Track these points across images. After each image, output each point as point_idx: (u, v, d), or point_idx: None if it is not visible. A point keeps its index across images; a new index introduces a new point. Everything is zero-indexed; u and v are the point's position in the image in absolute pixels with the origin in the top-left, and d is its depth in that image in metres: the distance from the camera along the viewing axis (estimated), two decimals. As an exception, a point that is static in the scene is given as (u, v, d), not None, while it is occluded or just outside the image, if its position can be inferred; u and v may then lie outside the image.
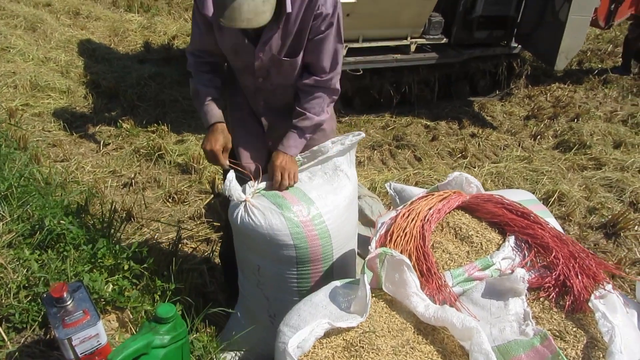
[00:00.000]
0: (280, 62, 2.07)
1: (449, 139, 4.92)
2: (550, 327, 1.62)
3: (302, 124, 2.18)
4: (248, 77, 2.16)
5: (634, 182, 4.20)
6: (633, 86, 6.35)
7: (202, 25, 2.05)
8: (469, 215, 2.04)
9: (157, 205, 3.70)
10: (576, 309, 1.65)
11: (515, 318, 1.64)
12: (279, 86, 2.19)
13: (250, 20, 1.78)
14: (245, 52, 2.06)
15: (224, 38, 2.05)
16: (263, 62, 2.07)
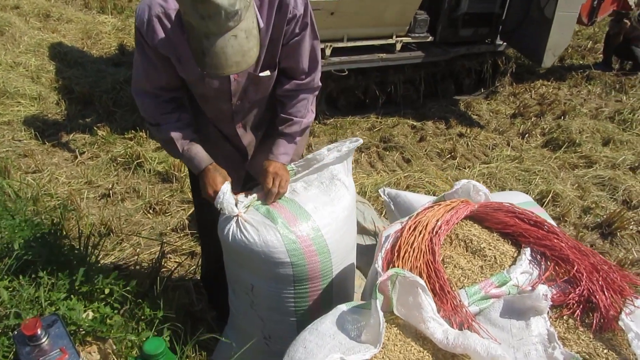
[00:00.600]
0: (257, 79, 1.88)
1: (437, 140, 4.81)
2: (579, 349, 1.49)
3: (290, 130, 2.03)
4: (222, 103, 1.95)
5: (626, 180, 4.14)
6: (616, 82, 6.33)
7: (155, 59, 1.77)
8: (479, 226, 1.90)
9: (137, 217, 3.51)
10: (604, 328, 1.52)
11: (540, 340, 1.51)
12: (255, 103, 2.01)
13: (239, 63, 1.57)
14: (217, 79, 1.84)
15: (188, 69, 1.80)
16: (239, 83, 1.88)
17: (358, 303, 1.57)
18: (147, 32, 1.71)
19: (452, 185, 3.83)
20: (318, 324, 1.50)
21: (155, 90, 1.87)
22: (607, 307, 1.54)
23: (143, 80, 1.84)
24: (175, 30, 1.71)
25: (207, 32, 1.49)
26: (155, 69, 1.80)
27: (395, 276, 1.48)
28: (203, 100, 1.97)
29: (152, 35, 1.71)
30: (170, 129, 1.89)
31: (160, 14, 1.70)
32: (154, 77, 1.83)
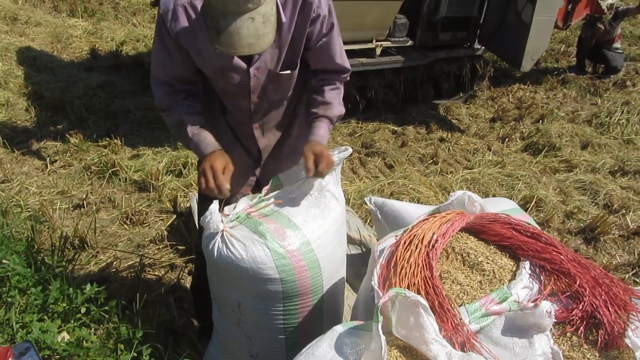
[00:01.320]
0: (277, 76, 1.86)
1: (418, 145, 4.77)
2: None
3: (331, 113, 1.98)
4: (241, 100, 1.91)
5: (606, 184, 4.16)
6: (590, 85, 6.40)
7: (173, 50, 1.77)
8: (475, 238, 1.84)
9: (113, 228, 3.37)
10: (610, 345, 1.48)
11: (544, 359, 1.45)
12: (274, 103, 1.97)
13: (252, 46, 1.56)
14: (237, 73, 1.81)
15: (208, 61, 1.79)
16: (259, 80, 1.84)
17: (355, 324, 1.49)
18: (170, 21, 1.71)
19: (436, 192, 3.82)
20: (314, 348, 1.42)
21: (170, 80, 1.85)
22: (611, 323, 1.50)
23: (159, 69, 1.84)
24: (200, 22, 1.71)
25: (225, 11, 1.51)
26: (172, 59, 1.80)
27: (396, 296, 1.41)
28: (223, 96, 1.94)
29: (175, 24, 1.71)
30: (181, 112, 1.85)
31: (186, 3, 1.70)
32: (169, 68, 1.82)
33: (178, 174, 3.88)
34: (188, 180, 3.80)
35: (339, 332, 1.46)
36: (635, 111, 5.19)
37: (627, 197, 4.06)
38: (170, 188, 3.70)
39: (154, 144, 4.29)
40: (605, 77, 6.74)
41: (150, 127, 4.60)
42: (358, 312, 1.88)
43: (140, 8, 7.61)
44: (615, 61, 6.71)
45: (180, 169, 3.90)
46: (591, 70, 7.01)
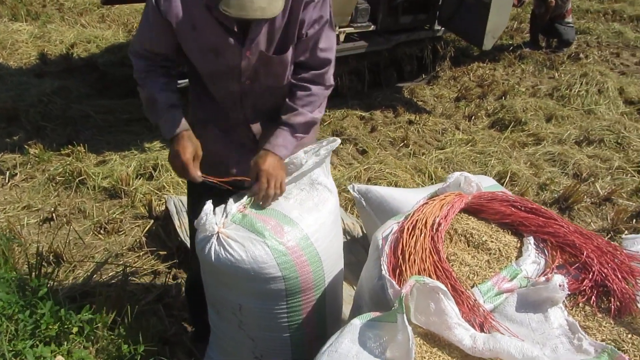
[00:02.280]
0: (269, 59, 1.79)
1: (387, 129, 4.76)
2: (603, 336, 1.44)
3: (294, 120, 1.88)
4: (232, 81, 1.83)
5: (574, 154, 4.26)
6: (546, 60, 6.53)
7: (159, 26, 1.72)
8: (475, 218, 1.83)
9: (87, 239, 3.23)
10: (623, 312, 1.49)
11: (562, 332, 1.45)
12: (268, 88, 1.89)
13: (264, 10, 1.52)
14: (229, 53, 1.75)
15: (201, 39, 1.73)
16: (250, 61, 1.78)
17: (372, 316, 1.45)
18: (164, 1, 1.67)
19: (412, 174, 3.82)
20: (336, 345, 1.37)
21: (150, 55, 1.81)
22: (621, 289, 1.51)
23: (142, 41, 1.79)
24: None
25: None
26: (156, 34, 1.75)
27: (414, 284, 1.38)
28: (211, 80, 1.86)
29: (169, 3, 1.67)
30: (155, 87, 1.80)
31: None
32: (153, 41, 1.77)
33: (149, 177, 3.75)
34: (160, 183, 3.67)
35: (359, 326, 1.42)
36: (593, 82, 5.33)
37: (594, 165, 4.17)
38: (143, 192, 3.57)
39: (119, 148, 4.13)
40: (559, 50, 6.89)
41: (113, 131, 4.43)
42: (363, 303, 1.84)
43: (87, 8, 7.33)
44: (567, 35, 6.87)
45: (150, 172, 3.77)
46: (545, 44, 7.16)
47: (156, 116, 1.83)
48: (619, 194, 3.77)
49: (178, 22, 1.70)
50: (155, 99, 1.80)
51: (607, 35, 7.49)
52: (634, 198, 3.79)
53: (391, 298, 1.53)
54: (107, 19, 7.09)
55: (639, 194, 3.82)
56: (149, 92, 1.81)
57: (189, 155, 1.77)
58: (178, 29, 1.72)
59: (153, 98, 1.80)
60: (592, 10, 8.70)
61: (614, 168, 4.11)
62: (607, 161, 4.20)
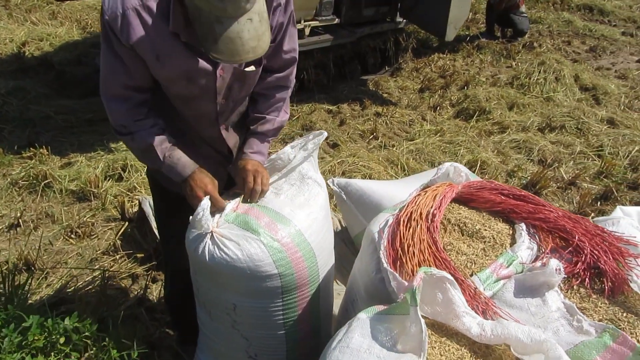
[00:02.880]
0: (243, 75, 1.73)
1: (356, 122, 4.78)
2: (600, 317, 1.49)
3: (262, 129, 1.89)
4: (206, 103, 1.77)
5: (538, 141, 4.39)
6: (503, 49, 6.68)
7: (126, 57, 1.60)
8: (466, 207, 1.86)
9: (57, 244, 3.12)
10: (616, 292, 1.55)
11: (561, 314, 1.50)
12: (239, 101, 1.86)
13: (255, 49, 1.46)
14: (202, 76, 1.67)
15: (170, 67, 1.63)
16: (225, 80, 1.71)
17: (378, 309, 1.46)
18: (121, 28, 1.53)
19: (385, 166, 3.86)
20: (347, 340, 1.37)
21: (125, 92, 1.67)
22: (614, 270, 1.57)
23: (112, 81, 1.65)
24: (157, 24, 1.54)
25: (222, 16, 1.39)
26: (125, 68, 1.62)
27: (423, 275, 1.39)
28: (182, 102, 1.77)
29: (128, 30, 1.53)
30: (147, 135, 1.71)
31: (138, 6, 1.53)
32: (123, 78, 1.64)
33: (118, 179, 3.65)
34: (130, 183, 3.58)
35: (367, 320, 1.42)
36: (551, 70, 5.50)
37: (557, 151, 4.31)
38: (113, 194, 3.47)
39: (84, 149, 3.99)
40: (514, 40, 7.06)
41: (76, 131, 4.28)
42: (357, 297, 1.85)
43: (35, 4, 7.03)
44: (521, 24, 7.06)
45: (119, 173, 3.66)
46: (500, 34, 7.33)
47: (156, 163, 1.75)
48: (582, 178, 3.92)
49: (141, 50, 1.59)
50: (151, 146, 1.72)
51: (558, 24, 7.72)
52: (596, 181, 3.94)
53: (394, 290, 1.54)
54: (59, 16, 6.81)
55: (600, 177, 3.98)
56: (141, 142, 1.72)
57: (212, 188, 1.75)
58: (142, 56, 1.61)
59: (148, 148, 1.72)
60: (542, 0, 8.96)
61: (576, 153, 4.26)
62: (570, 146, 4.36)
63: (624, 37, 7.23)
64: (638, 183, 3.88)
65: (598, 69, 6.11)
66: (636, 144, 4.37)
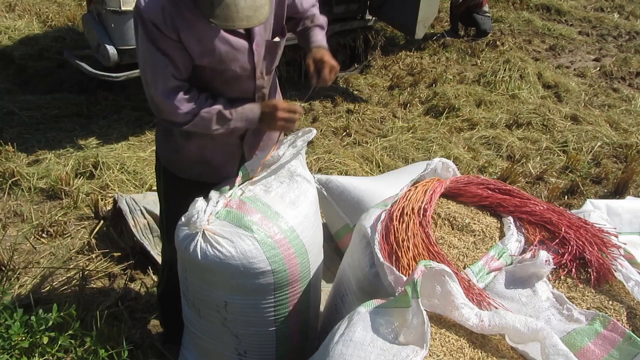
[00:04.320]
0: (273, 45, 1.82)
1: (329, 119, 4.80)
2: (587, 305, 1.56)
3: (318, 21, 2.03)
4: (247, 80, 1.83)
5: (506, 137, 4.51)
6: (468, 48, 6.81)
7: (172, 51, 1.65)
8: (454, 202, 1.91)
9: (28, 244, 3.02)
10: (601, 281, 1.62)
11: (551, 304, 1.56)
12: (269, 75, 1.92)
13: (250, 18, 1.52)
14: (241, 54, 1.73)
15: (210, 48, 1.68)
16: (260, 55, 1.78)
17: (377, 303, 1.48)
18: (164, 21, 1.60)
19: (360, 163, 3.89)
20: (350, 334, 1.38)
21: (179, 83, 1.71)
22: (598, 260, 1.64)
23: (165, 76, 1.68)
24: (192, 10, 1.61)
25: None
26: (173, 62, 1.67)
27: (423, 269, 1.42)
28: (225, 86, 1.82)
29: (172, 21, 1.60)
30: (210, 106, 1.75)
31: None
32: (174, 71, 1.69)
33: (90, 176, 3.55)
34: (103, 181, 3.49)
35: (367, 313, 1.44)
36: (515, 68, 5.64)
37: (525, 147, 4.44)
38: (85, 192, 3.39)
39: (52, 146, 3.88)
40: (477, 38, 7.21)
41: (42, 128, 4.14)
42: (349, 292, 1.87)
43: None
44: (484, 24, 7.21)
45: (90, 171, 3.57)
46: (464, 33, 7.47)
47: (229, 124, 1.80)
48: (549, 173, 4.05)
49: (185, 38, 1.65)
50: (220, 113, 1.76)
51: (518, 23, 7.91)
52: (562, 176, 4.08)
53: (390, 284, 1.57)
54: (17, 8, 6.57)
55: (566, 171, 4.12)
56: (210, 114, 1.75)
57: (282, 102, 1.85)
58: (186, 45, 1.66)
59: (218, 115, 1.76)
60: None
61: (542, 149, 4.40)
62: (536, 142, 4.49)
63: (581, 37, 7.48)
64: (601, 177, 4.04)
65: (558, 67, 6.31)
66: (598, 139, 4.55)
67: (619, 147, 4.52)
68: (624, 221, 2.60)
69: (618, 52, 6.90)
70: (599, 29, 7.69)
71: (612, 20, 7.92)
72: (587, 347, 1.40)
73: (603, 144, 4.54)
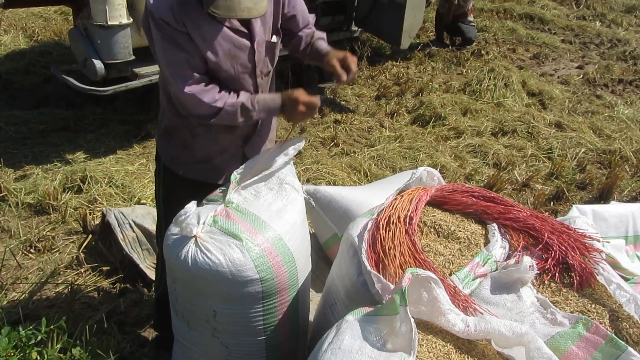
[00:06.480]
0: (272, 45, 1.91)
1: (316, 129, 4.83)
2: (571, 309, 1.59)
3: (319, 35, 2.11)
4: (248, 78, 1.91)
5: (492, 145, 4.56)
6: (453, 57, 6.89)
7: (185, 45, 1.73)
8: (439, 210, 1.93)
9: (16, 259, 3.00)
10: (583, 285, 1.65)
11: (535, 308, 1.58)
12: (268, 75, 2.01)
13: (251, 10, 1.59)
14: (243, 52, 1.82)
15: (214, 46, 1.76)
16: (260, 54, 1.87)
17: (364, 311, 1.50)
18: (175, 16, 1.67)
19: (348, 173, 3.92)
20: (338, 342, 1.40)
21: (201, 77, 1.79)
22: (580, 265, 1.67)
23: (188, 71, 1.75)
24: (196, 8, 1.69)
25: None
26: (191, 56, 1.75)
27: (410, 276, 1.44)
28: (232, 82, 1.88)
29: (181, 16, 1.68)
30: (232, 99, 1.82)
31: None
32: (195, 63, 1.77)
33: (77, 190, 3.55)
34: (91, 195, 3.49)
35: (355, 321, 1.45)
36: (500, 77, 5.72)
37: (510, 154, 4.50)
38: (73, 207, 3.38)
39: (39, 161, 3.87)
40: (462, 48, 7.30)
41: (29, 143, 4.13)
42: (338, 301, 1.88)
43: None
44: (469, 33, 7.31)
45: (78, 185, 3.56)
46: (449, 42, 7.56)
47: (253, 114, 1.87)
48: (535, 180, 4.11)
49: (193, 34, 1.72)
50: (243, 105, 1.83)
51: (502, 32, 8.02)
52: (548, 182, 4.14)
53: (377, 292, 1.59)
54: (3, 24, 6.56)
55: (552, 178, 4.17)
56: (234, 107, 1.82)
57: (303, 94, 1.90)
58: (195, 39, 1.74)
59: (243, 107, 1.83)
60: (486, 9, 9.27)
61: (528, 156, 4.46)
62: (522, 150, 4.55)
63: (564, 45, 7.60)
64: (586, 183, 4.09)
65: (542, 75, 6.40)
66: (582, 146, 4.62)
67: (603, 153, 4.59)
68: (610, 226, 2.64)
69: (600, 59, 7.01)
70: (582, 37, 7.81)
71: (594, 29, 8.04)
72: (571, 350, 1.42)
73: (587, 150, 4.61)
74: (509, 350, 1.43)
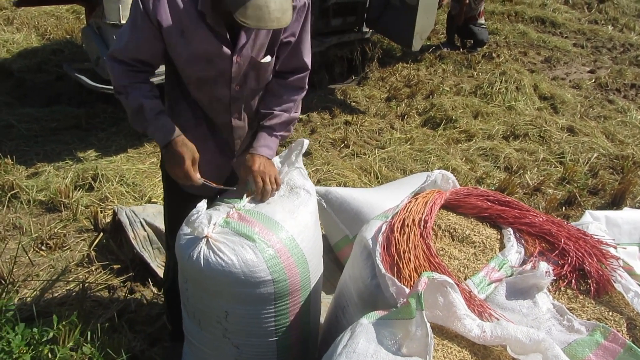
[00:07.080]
0: (258, 64, 1.85)
1: (327, 130, 4.82)
2: (588, 316, 1.57)
3: (270, 123, 1.97)
4: (221, 87, 1.86)
5: (503, 149, 4.54)
6: (464, 59, 6.86)
7: (147, 31, 1.72)
8: (454, 214, 1.92)
9: (27, 257, 3.01)
10: (600, 292, 1.63)
11: (551, 315, 1.56)
12: (253, 92, 1.94)
13: (280, 20, 1.58)
14: (220, 60, 1.78)
15: (193, 45, 1.75)
16: (241, 67, 1.82)
17: (379, 315, 1.49)
18: (153, 3, 1.68)
19: (359, 174, 3.91)
20: (353, 346, 1.39)
21: (131, 62, 1.80)
22: (598, 271, 1.65)
23: (122, 49, 1.77)
24: (186, 2, 1.70)
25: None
26: (139, 43, 1.76)
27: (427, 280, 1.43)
28: (197, 86, 1.86)
29: (158, 6, 1.68)
30: (140, 96, 1.79)
31: None
32: (133, 50, 1.77)
33: (89, 188, 3.56)
34: (102, 193, 3.50)
35: (369, 325, 1.44)
36: (511, 80, 5.70)
37: (522, 158, 4.47)
38: (85, 205, 3.39)
39: (51, 158, 3.88)
40: (474, 50, 7.28)
41: (40, 140, 4.16)
42: (350, 304, 1.87)
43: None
44: (481, 35, 7.28)
45: (90, 183, 3.58)
46: (460, 44, 7.53)
47: (144, 124, 1.82)
48: (547, 184, 4.08)
49: (167, 26, 1.71)
50: (142, 107, 1.79)
51: (514, 35, 7.98)
52: (559, 187, 4.10)
53: (392, 295, 1.58)
54: (15, 22, 6.60)
55: (563, 183, 4.14)
56: (134, 101, 1.79)
57: (189, 161, 1.79)
58: (166, 34, 1.72)
59: (139, 106, 1.79)
60: (497, 12, 9.24)
61: (539, 160, 4.43)
62: (533, 154, 4.53)
63: (576, 49, 7.55)
64: (598, 188, 4.06)
65: (554, 79, 6.36)
66: (595, 151, 4.59)
67: (615, 158, 4.55)
68: (623, 232, 2.61)
69: (613, 64, 6.97)
70: (594, 41, 7.76)
71: (607, 33, 7.99)
72: (588, 358, 1.40)
73: (599, 155, 4.57)
74: (525, 357, 1.41)
